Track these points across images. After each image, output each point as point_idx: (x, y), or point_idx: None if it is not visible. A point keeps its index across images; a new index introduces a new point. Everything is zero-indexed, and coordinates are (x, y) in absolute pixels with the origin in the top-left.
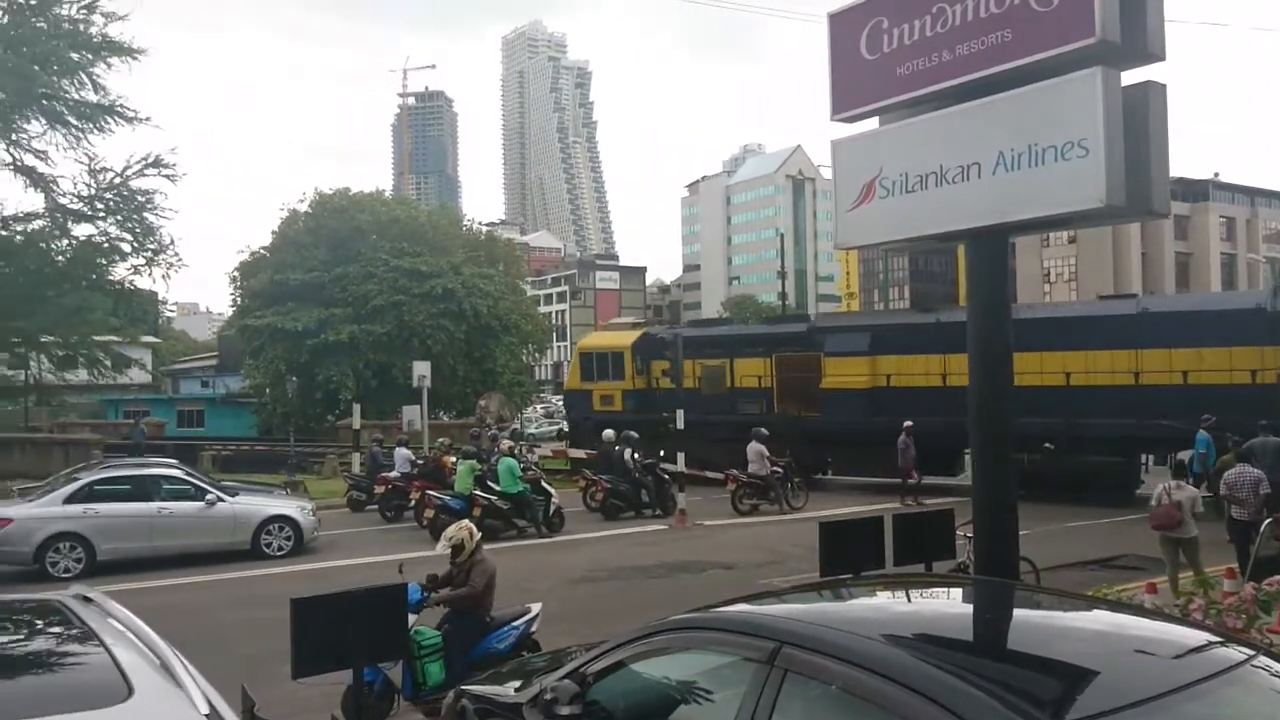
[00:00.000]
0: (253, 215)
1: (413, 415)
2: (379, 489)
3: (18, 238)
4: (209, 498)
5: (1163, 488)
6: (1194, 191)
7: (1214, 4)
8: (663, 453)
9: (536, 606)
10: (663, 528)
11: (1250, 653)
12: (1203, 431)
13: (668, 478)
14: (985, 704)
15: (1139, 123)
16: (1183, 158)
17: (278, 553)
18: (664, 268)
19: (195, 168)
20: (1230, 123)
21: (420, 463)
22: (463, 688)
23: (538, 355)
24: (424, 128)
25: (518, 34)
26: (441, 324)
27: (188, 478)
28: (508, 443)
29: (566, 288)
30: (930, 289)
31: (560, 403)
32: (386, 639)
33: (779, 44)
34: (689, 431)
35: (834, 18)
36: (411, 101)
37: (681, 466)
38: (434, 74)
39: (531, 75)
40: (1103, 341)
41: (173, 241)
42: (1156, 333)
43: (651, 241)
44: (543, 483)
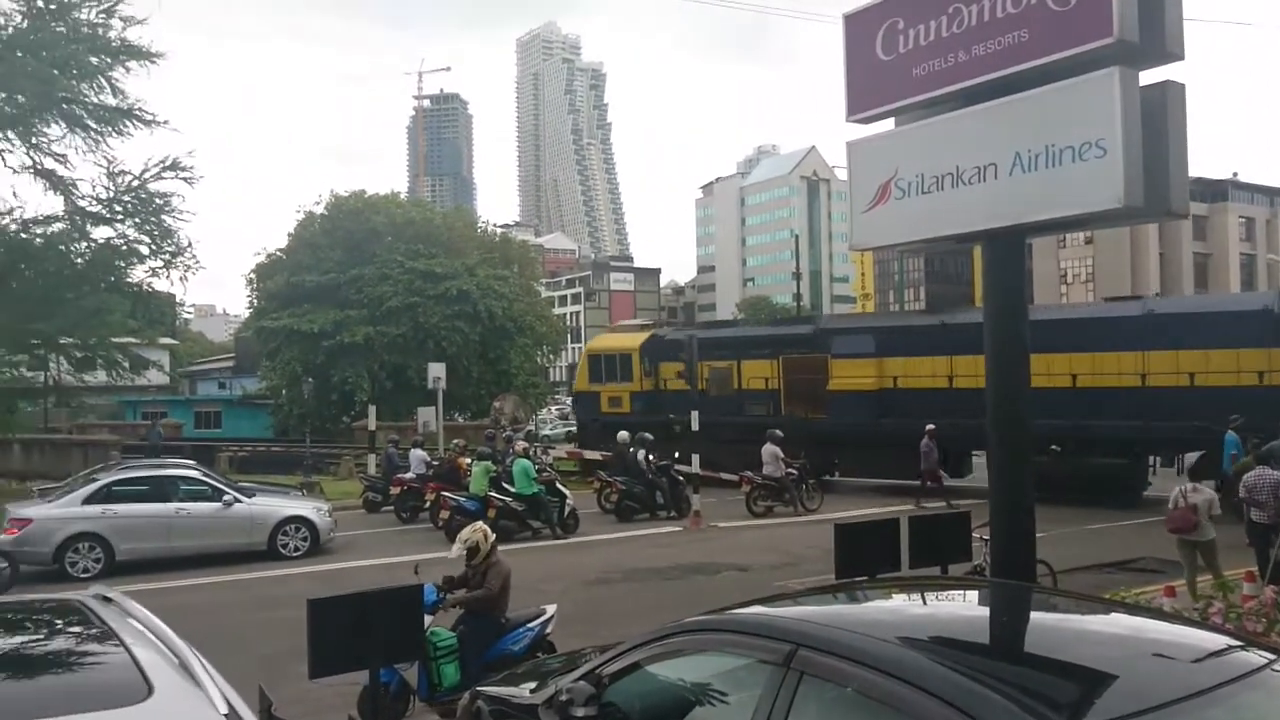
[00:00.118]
0: (269, 218)
1: (428, 417)
2: (394, 490)
3: (37, 240)
4: (226, 498)
5: (1179, 490)
6: (1213, 191)
7: (1234, 3)
8: (677, 454)
9: (551, 608)
10: (677, 529)
11: (1271, 657)
12: (1231, 432)
13: (682, 479)
14: (1002, 707)
15: (1157, 123)
16: (1201, 157)
17: (294, 553)
18: (678, 269)
19: (212, 171)
20: (1250, 122)
21: (435, 464)
22: (478, 689)
23: (552, 357)
24: (439, 130)
25: (532, 36)
26: (456, 325)
27: (205, 479)
28: (522, 444)
29: (581, 289)
30: (946, 290)
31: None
32: (403, 640)
33: (794, 45)
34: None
35: (850, 18)
36: (426, 104)
37: (696, 468)
38: (449, 76)
39: (546, 77)
40: (1109, 343)
41: (190, 244)
42: (1163, 334)
43: (666, 243)
44: (557, 484)
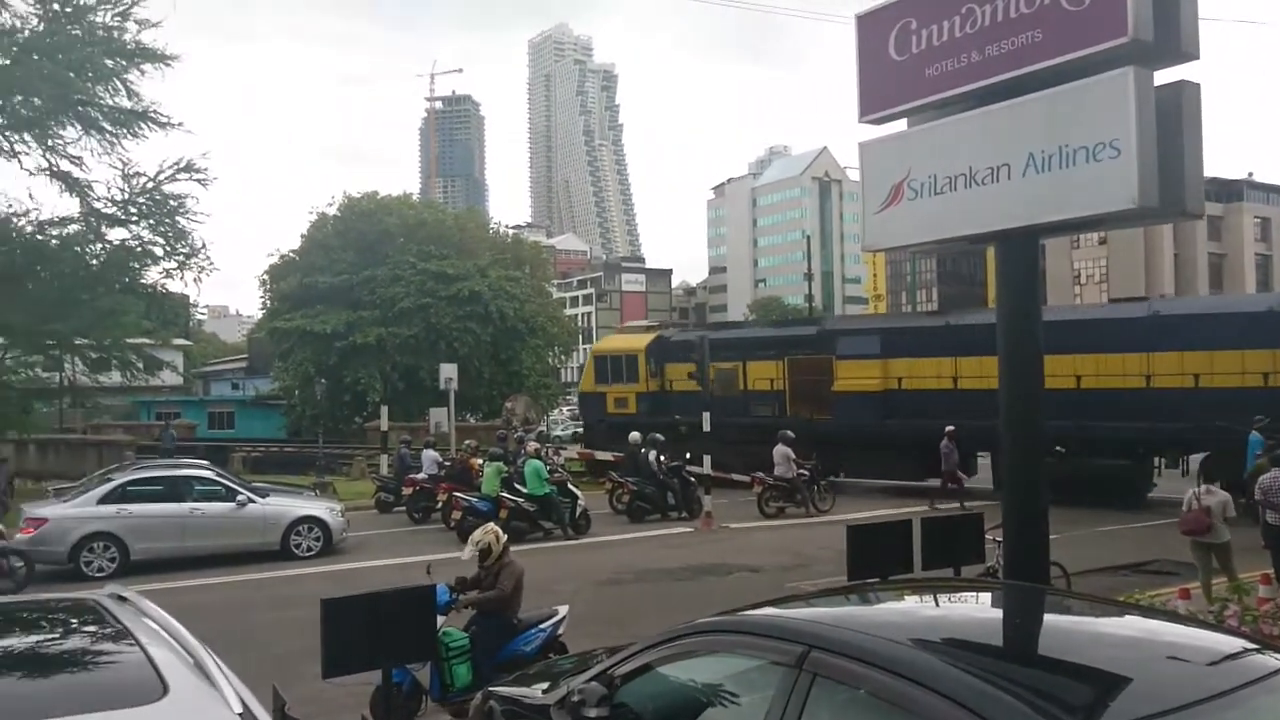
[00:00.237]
0: (282, 219)
1: (440, 417)
2: (407, 490)
3: (53, 242)
4: (240, 499)
5: (1192, 492)
6: (1228, 191)
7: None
8: (689, 455)
9: (563, 609)
10: (688, 530)
11: None
12: (1255, 433)
13: (694, 480)
14: (1016, 709)
15: (1172, 123)
16: (1216, 157)
17: (307, 553)
18: (690, 270)
19: (226, 172)
20: (1265, 122)
21: (447, 464)
22: (490, 689)
23: (564, 358)
24: (451, 131)
25: (544, 37)
26: (468, 326)
27: (219, 479)
28: (534, 445)
29: (592, 290)
30: (958, 291)
31: None
32: (415, 640)
33: (805, 46)
34: (700, 433)
35: (862, 19)
36: (439, 105)
37: (708, 469)
38: (461, 78)
39: (558, 78)
40: (1114, 345)
41: (204, 245)
42: (1168, 336)
43: (677, 244)
44: (569, 485)
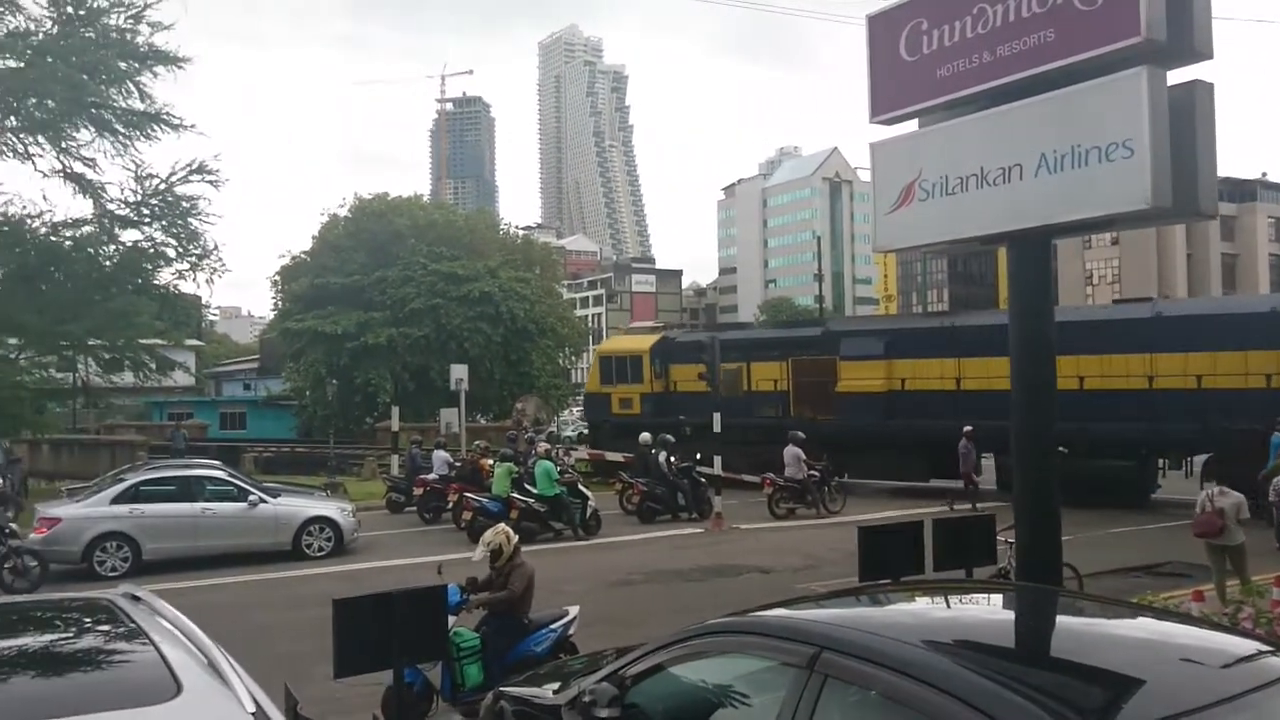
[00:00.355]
0: (294, 220)
1: (450, 418)
2: (417, 491)
3: (67, 243)
4: (251, 499)
5: (1206, 494)
6: (1241, 191)
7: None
8: (699, 455)
9: (574, 609)
10: (699, 531)
11: None
12: (1278, 434)
13: (704, 481)
14: (1029, 712)
15: (1185, 123)
16: (1230, 157)
17: (318, 553)
18: (700, 271)
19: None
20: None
21: (458, 465)
22: (501, 689)
23: (574, 358)
24: (462, 133)
25: (555, 39)
26: (479, 327)
27: (230, 479)
28: (544, 445)
29: (603, 291)
30: (970, 292)
31: None
32: (427, 640)
33: (817, 46)
34: (705, 434)
35: (873, 19)
36: (449, 107)
37: (718, 470)
38: (472, 80)
39: (568, 79)
40: (1117, 345)
41: (216, 246)
42: (1171, 337)
43: (687, 245)
44: (579, 485)
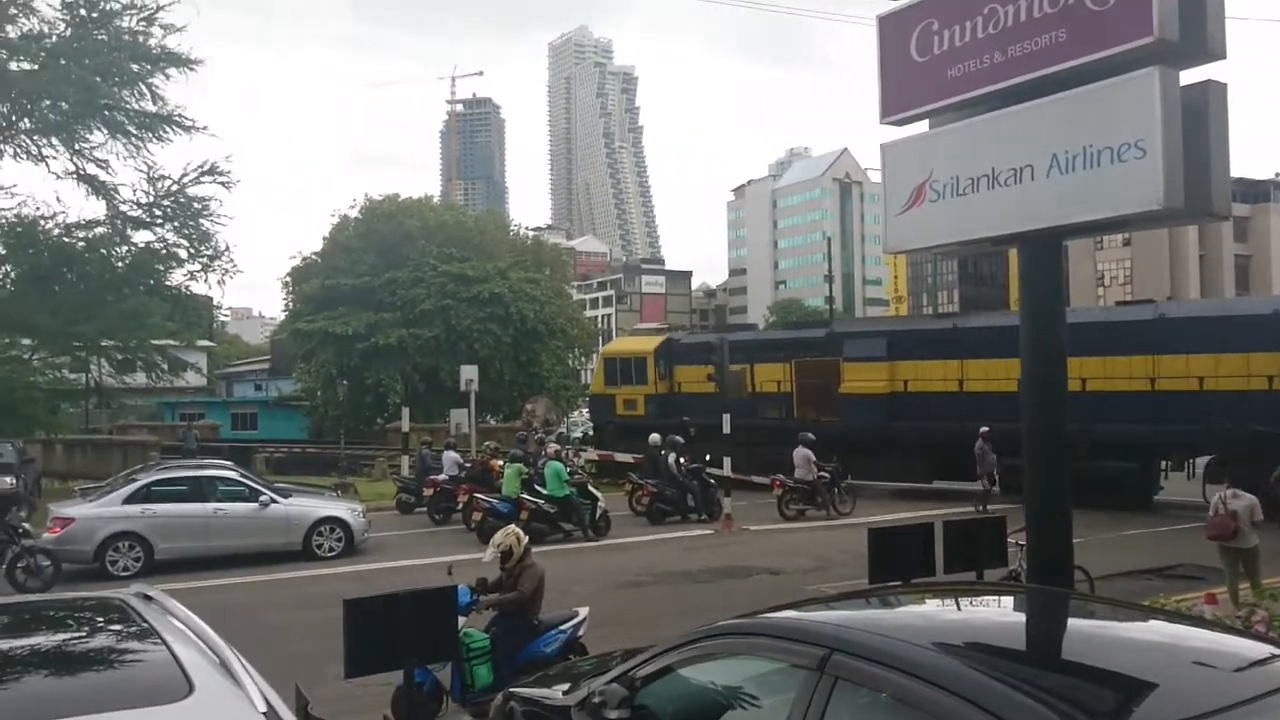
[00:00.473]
0: (305, 222)
1: (460, 418)
2: (428, 492)
3: (79, 244)
4: (262, 499)
5: (1219, 496)
6: (1255, 192)
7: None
8: (709, 456)
9: (584, 610)
10: (708, 532)
11: None
12: None
13: (713, 482)
14: (1041, 715)
15: (1198, 123)
16: (1243, 157)
17: (329, 554)
18: (710, 271)
19: (249, 175)
20: None
21: (468, 466)
22: (511, 690)
23: (584, 359)
24: (472, 134)
25: (565, 40)
26: (489, 328)
27: (242, 479)
28: (554, 446)
29: (612, 292)
30: (980, 293)
31: None
32: (437, 641)
33: (826, 47)
34: (709, 435)
35: (884, 20)
36: (460, 108)
37: (728, 471)
38: (482, 81)
39: (578, 80)
40: (1120, 347)
41: (227, 247)
42: (1173, 338)
43: (697, 246)
44: (589, 486)
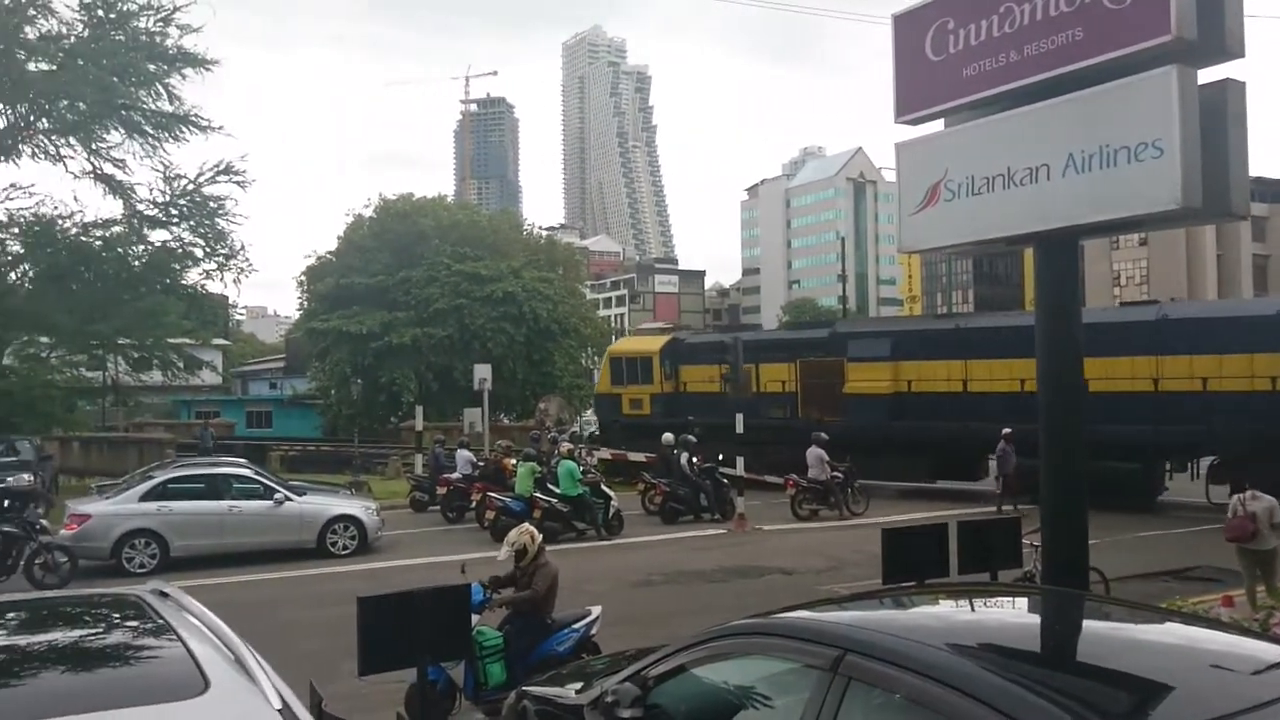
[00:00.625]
0: (320, 221)
1: (474, 417)
2: (441, 490)
3: (97, 243)
4: (277, 497)
5: (1237, 498)
6: (1274, 192)
7: None
8: (721, 456)
9: (597, 609)
10: (721, 532)
11: None
12: None
13: (726, 482)
14: (1055, 716)
15: (1216, 122)
16: (1262, 157)
17: (343, 551)
18: (723, 271)
19: (264, 175)
20: None
21: (481, 464)
22: (524, 688)
23: (596, 359)
24: (485, 133)
25: (579, 40)
26: (502, 327)
27: (257, 477)
28: (567, 445)
29: (625, 291)
30: (995, 292)
31: None
32: (451, 639)
33: (841, 46)
34: (714, 434)
35: (899, 19)
36: (473, 108)
37: (740, 470)
38: (496, 81)
39: (592, 80)
40: (1123, 348)
41: (243, 247)
42: (1176, 339)
43: (710, 245)
44: (602, 486)
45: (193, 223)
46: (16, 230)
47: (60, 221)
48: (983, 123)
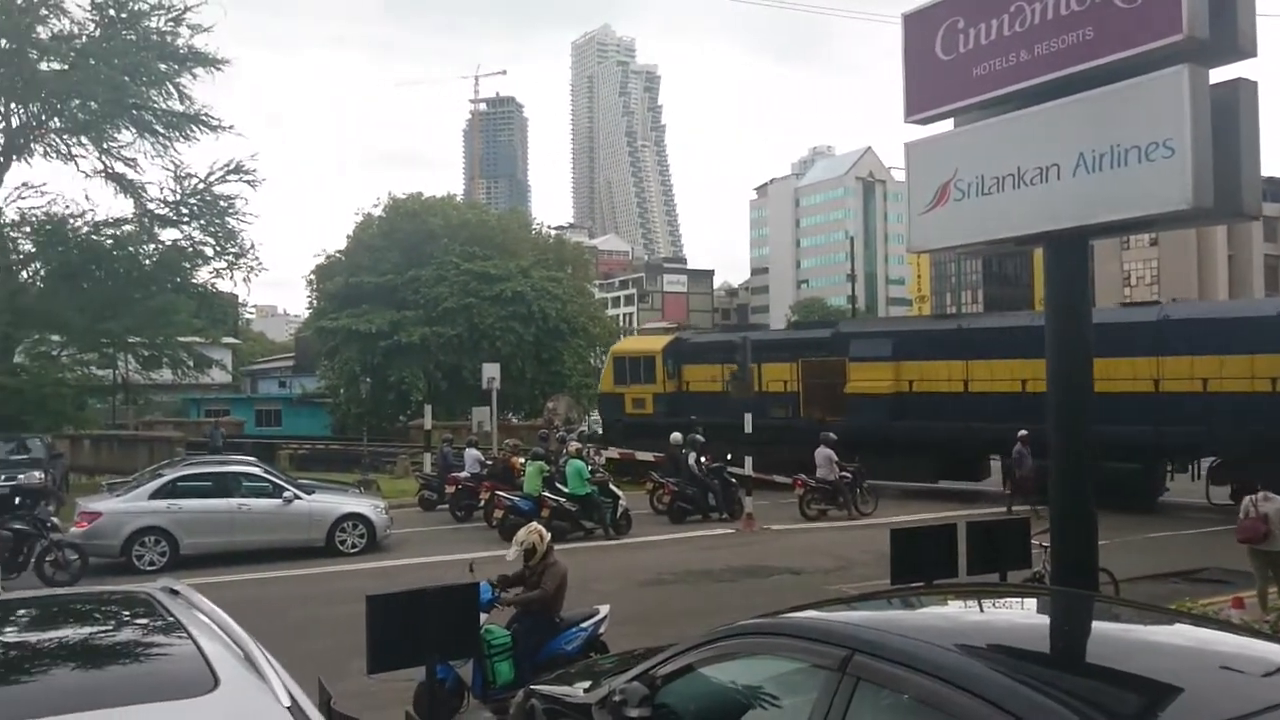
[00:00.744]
0: (329, 220)
1: (482, 416)
2: (449, 489)
3: (108, 242)
4: (286, 495)
5: (1249, 499)
6: None
7: None
8: (730, 455)
9: (605, 608)
10: (729, 531)
11: None
12: None
13: (735, 481)
14: (1064, 718)
15: (1228, 122)
16: (1274, 156)
17: (352, 550)
18: (732, 270)
19: (274, 174)
20: None
21: (490, 463)
22: (532, 687)
23: (605, 358)
24: (494, 133)
25: (588, 39)
26: (511, 326)
27: (266, 475)
28: (575, 444)
29: (634, 291)
30: (1004, 292)
31: None
32: (459, 637)
33: (851, 46)
34: (718, 433)
35: (909, 18)
36: (483, 107)
37: (749, 470)
38: (505, 80)
39: (601, 79)
40: (1124, 348)
41: (253, 245)
42: (1177, 340)
43: (719, 244)
44: (610, 484)
45: (203, 221)
46: (28, 229)
47: (72, 220)
48: (993, 122)
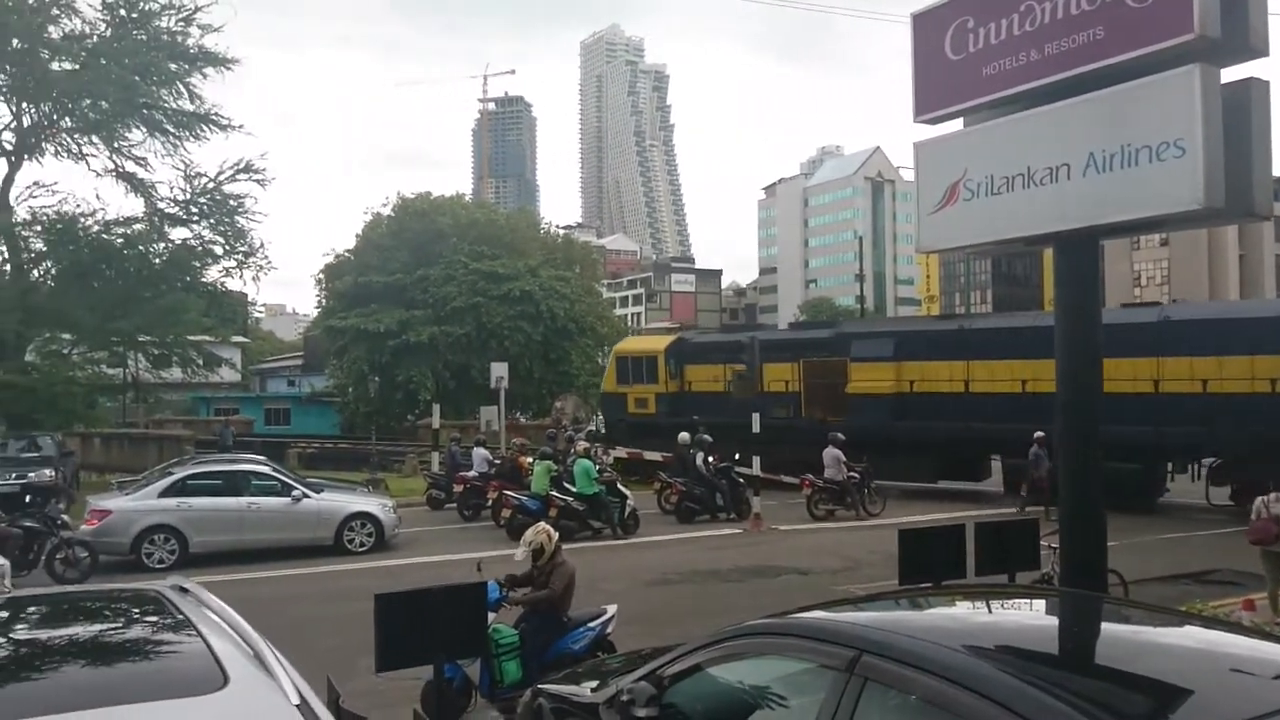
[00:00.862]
0: (339, 220)
1: (490, 415)
2: (457, 488)
3: (118, 241)
4: (295, 494)
5: (1261, 501)
6: None
7: None
8: (738, 455)
9: (612, 608)
10: (737, 531)
11: None
12: None
13: (742, 481)
14: (1073, 719)
15: (1240, 121)
16: None
17: (360, 548)
18: (740, 270)
19: (283, 173)
20: None
21: (497, 463)
22: (539, 686)
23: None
24: (503, 132)
25: (596, 38)
26: (519, 325)
27: (275, 474)
28: (583, 444)
29: (642, 290)
30: (1013, 292)
31: None
32: (467, 636)
33: (859, 46)
34: (720, 433)
35: (918, 18)
36: (491, 107)
37: (757, 470)
38: (514, 79)
39: (609, 79)
40: (1124, 349)
41: (262, 245)
42: (1178, 341)
43: (728, 244)
44: (618, 484)
45: (213, 220)
46: (39, 228)
47: (82, 219)
48: (1002, 122)
